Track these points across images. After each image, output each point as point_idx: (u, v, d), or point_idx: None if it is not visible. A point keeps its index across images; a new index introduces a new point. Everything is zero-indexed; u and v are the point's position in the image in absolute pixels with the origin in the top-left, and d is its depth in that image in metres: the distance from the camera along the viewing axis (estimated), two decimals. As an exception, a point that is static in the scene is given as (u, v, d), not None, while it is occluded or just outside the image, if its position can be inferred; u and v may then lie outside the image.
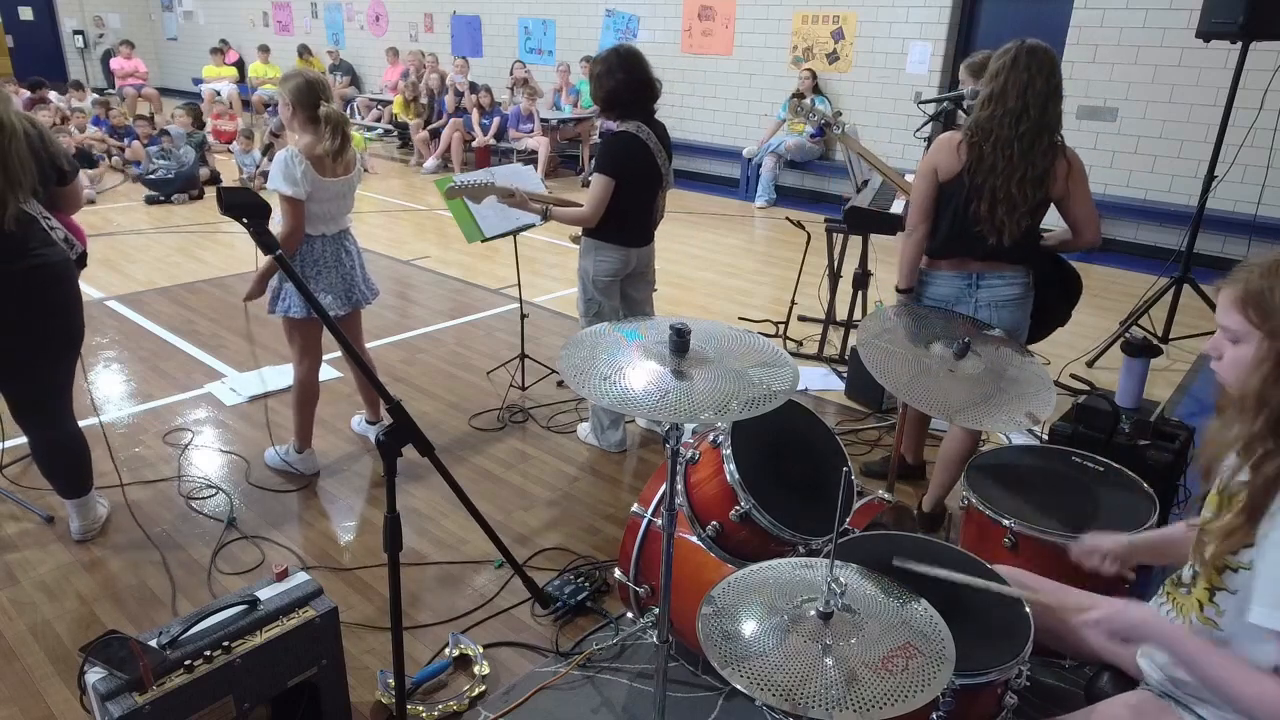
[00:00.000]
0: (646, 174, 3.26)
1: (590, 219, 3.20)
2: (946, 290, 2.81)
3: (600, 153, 3.24)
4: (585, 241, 3.33)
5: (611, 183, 3.15)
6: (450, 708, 2.22)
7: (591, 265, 3.32)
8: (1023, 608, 1.77)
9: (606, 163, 3.17)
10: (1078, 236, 2.78)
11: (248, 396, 4.05)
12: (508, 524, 3.09)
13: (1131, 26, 6.66)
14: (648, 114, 3.26)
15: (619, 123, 3.23)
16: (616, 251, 3.31)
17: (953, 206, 2.69)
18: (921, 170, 2.74)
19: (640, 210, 3.32)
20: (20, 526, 3.01)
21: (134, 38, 14.59)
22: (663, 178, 3.34)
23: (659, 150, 3.26)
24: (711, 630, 1.48)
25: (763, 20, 8.93)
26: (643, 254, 3.41)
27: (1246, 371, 1.43)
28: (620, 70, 3.15)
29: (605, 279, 3.33)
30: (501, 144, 9.97)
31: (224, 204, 1.80)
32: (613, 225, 3.24)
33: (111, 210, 7.86)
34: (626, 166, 3.18)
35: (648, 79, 3.21)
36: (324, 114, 2.95)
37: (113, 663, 1.71)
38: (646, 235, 3.41)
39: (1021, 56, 2.55)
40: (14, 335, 2.58)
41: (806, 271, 4.97)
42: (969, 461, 2.44)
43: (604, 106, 3.24)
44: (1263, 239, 6.04)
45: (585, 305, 3.42)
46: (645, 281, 3.53)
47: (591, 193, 3.18)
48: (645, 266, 3.48)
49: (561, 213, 3.29)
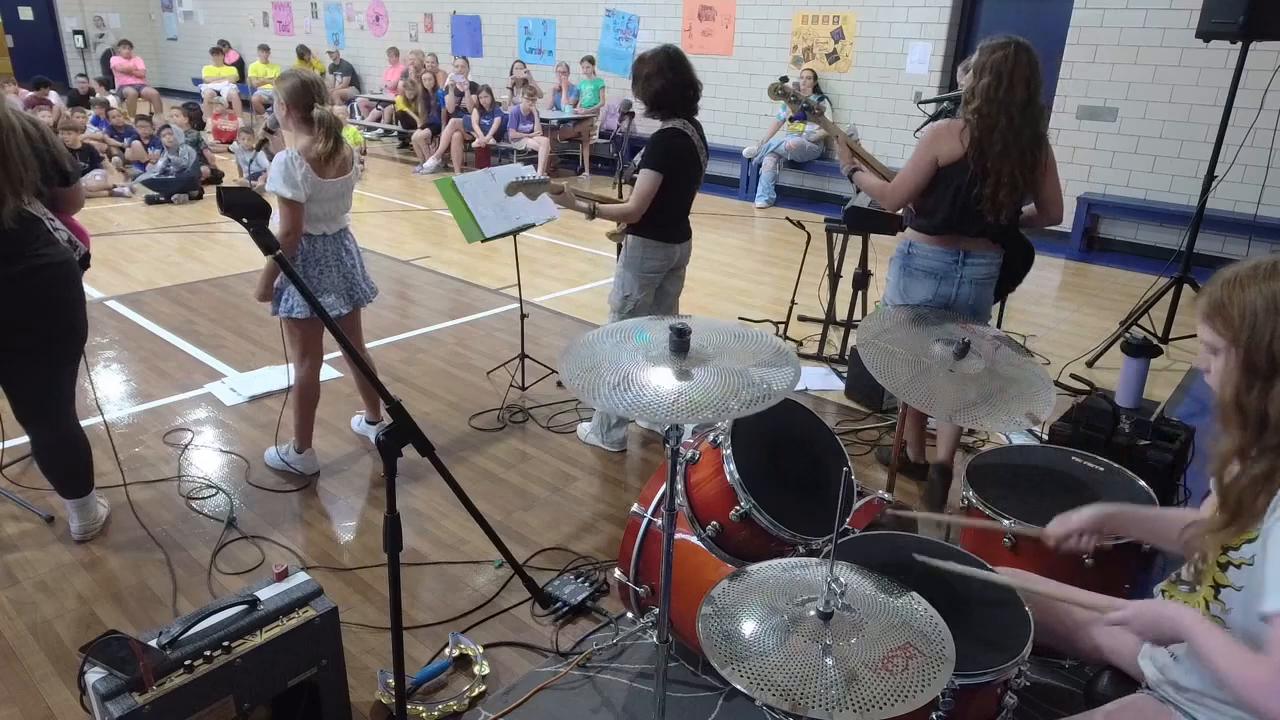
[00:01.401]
0: (690, 170, 3.32)
1: (635, 214, 3.23)
2: (936, 264, 2.99)
3: (649, 149, 3.25)
4: (632, 240, 3.35)
5: (660, 178, 3.18)
6: (450, 708, 2.22)
7: (639, 263, 3.35)
8: (1023, 608, 1.77)
9: (656, 159, 3.20)
10: (1043, 214, 2.99)
11: (248, 396, 4.05)
12: (507, 524, 3.09)
13: (1131, 26, 6.66)
14: (691, 113, 3.32)
15: (664, 120, 3.27)
16: (662, 248, 3.35)
17: (954, 188, 2.83)
18: (921, 160, 2.85)
19: (682, 206, 3.38)
20: (20, 526, 3.01)
21: (134, 38, 14.58)
22: (702, 174, 3.41)
23: (701, 147, 3.34)
24: (711, 630, 1.48)
25: (763, 20, 8.93)
26: (684, 249, 3.47)
27: (1224, 381, 1.46)
28: (670, 70, 3.20)
29: (651, 274, 3.38)
30: (501, 144, 9.97)
31: (224, 204, 1.80)
32: (657, 221, 3.28)
33: (111, 210, 7.86)
34: (673, 162, 3.22)
35: (693, 80, 3.29)
36: (317, 116, 2.95)
37: (113, 663, 1.71)
38: (688, 230, 3.46)
39: (1022, 51, 2.75)
40: (17, 335, 2.58)
41: (806, 271, 4.97)
42: (969, 461, 2.44)
43: (651, 105, 3.28)
44: (1263, 239, 6.04)
45: (622, 302, 3.43)
46: (679, 277, 3.57)
47: (638, 188, 3.20)
48: (684, 262, 3.52)
49: (607, 209, 3.30)
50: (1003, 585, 1.80)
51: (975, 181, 2.78)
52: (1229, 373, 1.44)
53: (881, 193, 3.01)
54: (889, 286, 3.17)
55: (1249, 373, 1.41)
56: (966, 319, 2.80)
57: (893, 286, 3.14)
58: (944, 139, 2.81)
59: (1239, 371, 1.42)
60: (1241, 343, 1.41)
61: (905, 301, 3.07)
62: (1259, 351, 1.39)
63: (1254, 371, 1.40)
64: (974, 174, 2.78)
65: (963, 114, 2.80)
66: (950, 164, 2.81)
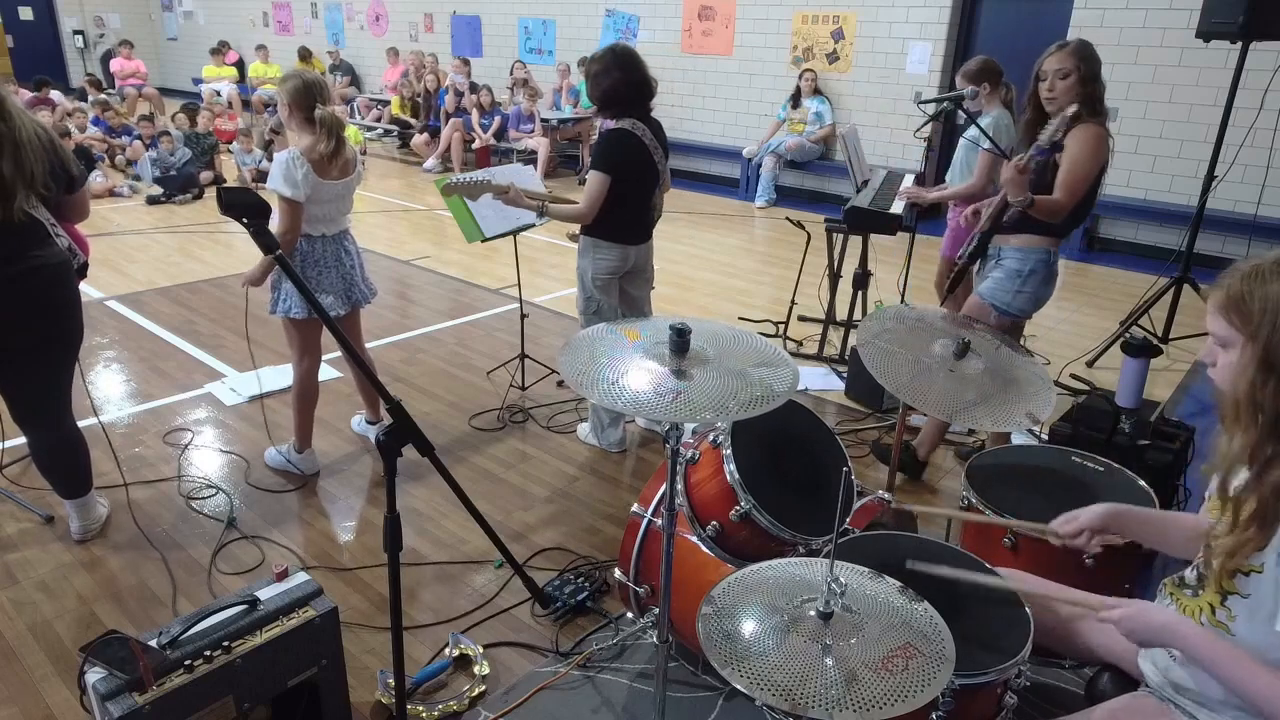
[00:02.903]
0: (643, 171, 3.26)
1: (586, 216, 3.20)
2: (1058, 265, 3.10)
3: (596, 150, 3.24)
4: (583, 240, 3.33)
5: (608, 179, 3.15)
6: (450, 708, 2.22)
7: (590, 263, 3.33)
8: (1023, 608, 1.77)
9: (603, 160, 3.17)
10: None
11: (248, 396, 4.05)
12: (507, 524, 3.09)
13: (1131, 26, 6.66)
14: (644, 112, 3.27)
15: (615, 120, 3.24)
16: (614, 249, 3.31)
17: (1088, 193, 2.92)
18: (1093, 168, 2.88)
19: (638, 207, 3.32)
20: (20, 526, 3.01)
21: (134, 38, 14.58)
22: (660, 175, 3.34)
23: (655, 147, 3.26)
24: (711, 630, 1.48)
25: (763, 20, 8.93)
26: (641, 251, 3.41)
27: (1236, 376, 1.43)
28: (616, 69, 3.16)
29: (604, 277, 3.34)
30: (501, 144, 9.97)
31: (224, 204, 1.80)
32: (610, 223, 3.24)
33: (112, 210, 7.86)
34: (623, 163, 3.18)
35: (644, 77, 3.22)
36: (319, 117, 2.95)
37: (113, 663, 1.71)
38: (644, 233, 3.41)
39: None
40: (17, 335, 2.58)
41: (806, 271, 4.97)
42: (969, 461, 2.44)
43: (600, 105, 3.25)
44: (1263, 239, 6.04)
45: (584, 304, 3.42)
46: (644, 279, 3.53)
47: (588, 190, 3.18)
48: (644, 264, 3.48)
49: (558, 210, 3.29)
50: (995, 587, 1.79)
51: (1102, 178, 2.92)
52: (1243, 367, 1.41)
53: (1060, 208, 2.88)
54: (1023, 297, 3.05)
55: (1266, 368, 1.38)
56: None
57: (1029, 296, 3.06)
58: (1104, 144, 2.87)
59: (1255, 366, 1.39)
60: (1261, 337, 1.38)
61: (1037, 308, 3.12)
62: (1279, 347, 1.37)
63: (1271, 367, 1.38)
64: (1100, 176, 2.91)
65: (1090, 117, 2.83)
66: (1102, 169, 2.91)
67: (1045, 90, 2.90)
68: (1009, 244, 3.06)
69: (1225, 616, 1.47)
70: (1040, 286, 3.05)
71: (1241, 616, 1.45)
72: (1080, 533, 1.80)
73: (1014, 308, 3.08)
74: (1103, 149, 2.85)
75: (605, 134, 3.24)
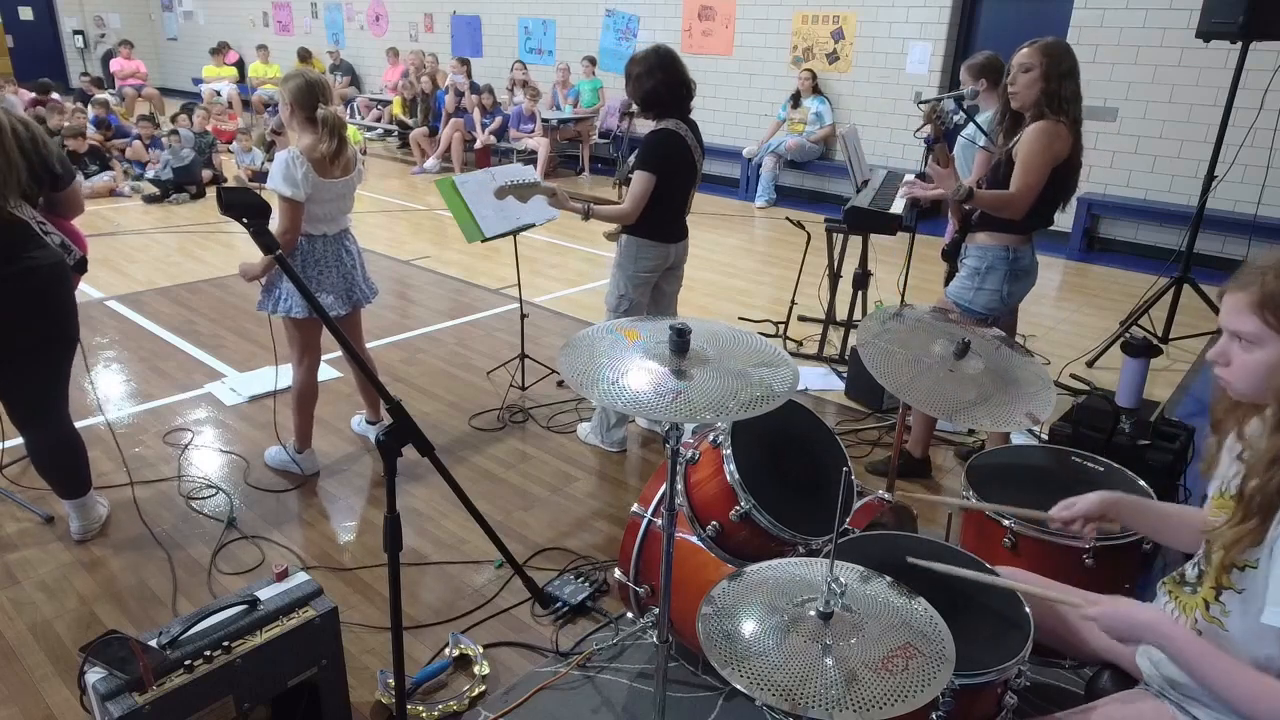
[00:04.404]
0: (684, 170, 3.31)
1: (631, 216, 3.23)
2: (1029, 262, 3.09)
3: (643, 150, 3.25)
4: (626, 239, 3.35)
5: (653, 179, 3.18)
6: (450, 708, 2.22)
7: (632, 262, 3.35)
8: (1023, 608, 1.77)
9: (649, 160, 3.20)
10: None
11: (248, 396, 4.05)
12: (507, 524, 3.09)
13: (1131, 26, 6.66)
14: (684, 113, 3.31)
15: (657, 121, 3.27)
16: (657, 248, 3.34)
17: (1053, 187, 2.90)
18: (1043, 163, 2.84)
19: (677, 206, 3.38)
20: (20, 526, 3.01)
21: (134, 38, 14.59)
22: (697, 174, 3.40)
23: (695, 147, 3.33)
24: (711, 630, 1.48)
25: (763, 20, 8.93)
26: (680, 249, 3.46)
27: (1266, 375, 1.42)
28: (660, 70, 3.20)
29: (645, 274, 3.38)
30: (502, 144, 9.97)
31: (224, 204, 1.80)
32: (651, 221, 3.27)
33: (112, 210, 7.86)
34: (667, 163, 3.22)
35: (685, 79, 3.28)
36: (321, 116, 2.95)
37: (113, 663, 1.71)
38: (682, 230, 3.46)
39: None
40: (17, 335, 2.58)
41: (806, 271, 4.97)
42: (969, 461, 2.44)
43: (643, 106, 3.28)
44: (1263, 239, 6.04)
45: (617, 301, 3.43)
46: (677, 276, 3.57)
47: (633, 190, 3.20)
48: (681, 261, 3.52)
49: (602, 210, 3.30)
50: (987, 585, 1.79)
51: (1069, 176, 2.91)
52: (1277, 366, 1.41)
53: (1007, 203, 2.90)
54: (984, 295, 3.07)
55: None
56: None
57: (991, 294, 3.05)
58: (1059, 139, 2.83)
59: None
60: None
61: (1006, 305, 3.11)
62: None
63: None
64: (1071, 170, 2.90)
65: (1051, 114, 2.81)
66: (1059, 164, 2.87)
67: (1009, 84, 2.92)
68: (974, 242, 3.10)
69: (1220, 612, 1.48)
70: (1004, 284, 3.04)
71: (1235, 611, 1.45)
72: (1076, 519, 1.81)
73: (977, 305, 3.09)
74: (1056, 144, 2.83)
75: (651, 134, 3.26)
